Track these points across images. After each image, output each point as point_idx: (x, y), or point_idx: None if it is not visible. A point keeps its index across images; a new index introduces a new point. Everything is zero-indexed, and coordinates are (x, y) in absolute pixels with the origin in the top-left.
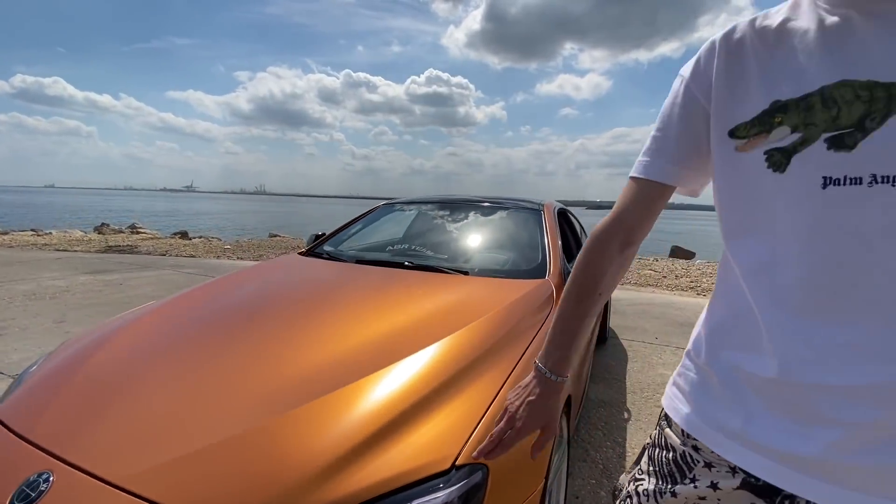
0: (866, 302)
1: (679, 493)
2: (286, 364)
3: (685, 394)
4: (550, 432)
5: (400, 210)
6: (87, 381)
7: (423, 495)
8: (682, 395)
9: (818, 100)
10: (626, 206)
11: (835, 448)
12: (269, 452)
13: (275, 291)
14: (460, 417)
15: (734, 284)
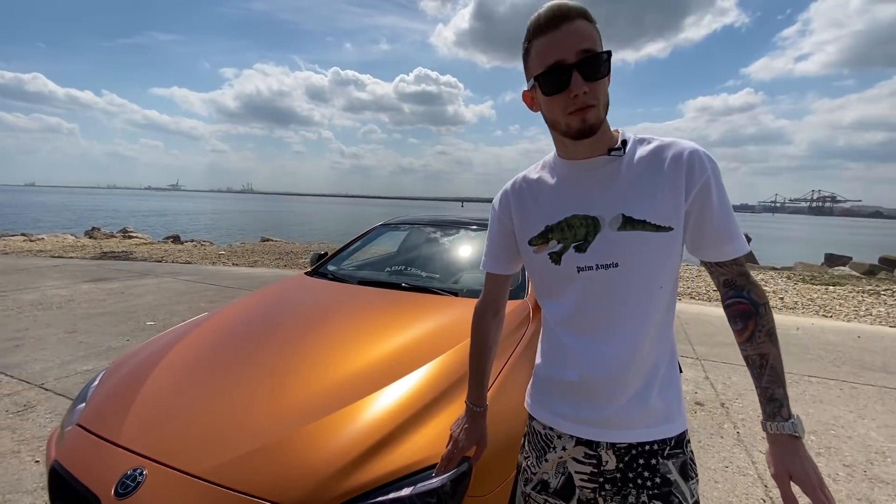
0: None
1: (549, 459)
2: (312, 379)
3: (536, 399)
4: (483, 445)
5: (394, 230)
6: (154, 391)
7: (425, 480)
8: (537, 400)
9: (565, 224)
10: (487, 290)
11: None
12: (308, 451)
13: (294, 313)
14: (450, 424)
15: (549, 328)
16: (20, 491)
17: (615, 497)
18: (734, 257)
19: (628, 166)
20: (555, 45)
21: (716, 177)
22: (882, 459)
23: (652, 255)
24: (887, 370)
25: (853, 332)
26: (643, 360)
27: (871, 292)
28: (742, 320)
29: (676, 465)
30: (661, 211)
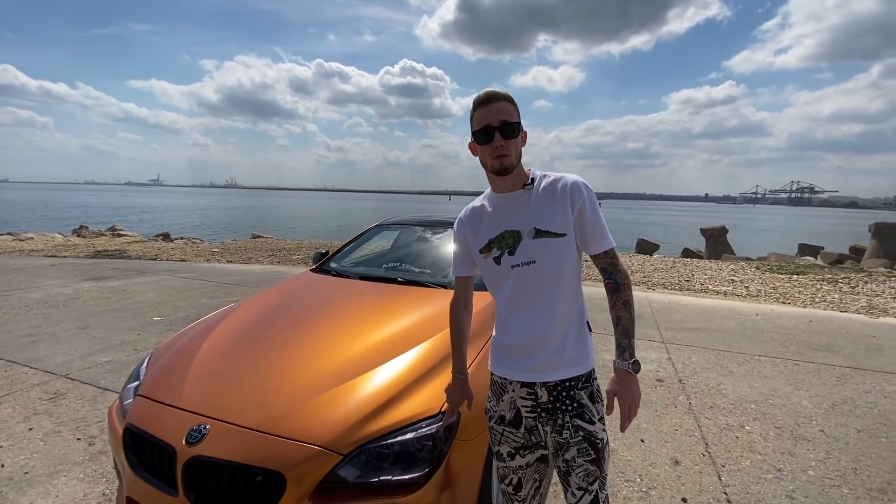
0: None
1: (504, 399)
2: (332, 354)
3: (494, 360)
4: (471, 399)
5: (388, 230)
6: (204, 365)
7: (425, 426)
8: (494, 360)
9: (501, 237)
10: (458, 290)
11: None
12: (334, 408)
13: (309, 303)
14: (438, 388)
15: (497, 310)
16: (69, 462)
17: (549, 421)
18: (604, 251)
19: (536, 194)
20: (486, 115)
21: (589, 198)
22: (808, 422)
23: (555, 253)
24: (830, 350)
25: (806, 317)
26: (559, 324)
27: (830, 280)
28: (610, 294)
29: (587, 393)
30: (558, 223)
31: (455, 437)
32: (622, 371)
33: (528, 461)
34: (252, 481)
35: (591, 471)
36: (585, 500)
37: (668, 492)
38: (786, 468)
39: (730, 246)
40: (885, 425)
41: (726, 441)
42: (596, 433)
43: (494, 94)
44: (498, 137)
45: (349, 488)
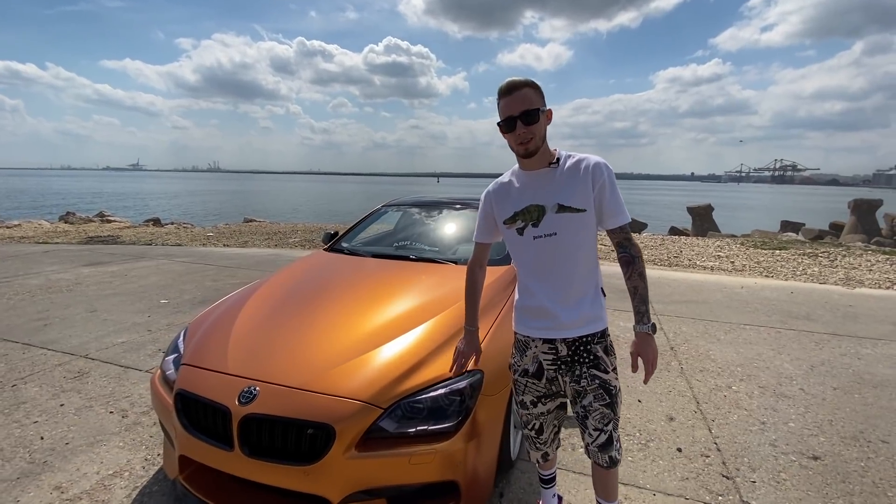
0: (553, 276)
1: (528, 355)
2: (362, 322)
3: (518, 321)
4: (479, 353)
5: (397, 210)
6: (243, 334)
7: (454, 382)
8: (518, 321)
9: (526, 210)
10: (476, 254)
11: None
12: (371, 368)
13: (332, 278)
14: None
15: (520, 277)
16: (107, 433)
17: (568, 372)
18: (619, 225)
19: (561, 173)
20: (508, 105)
21: (609, 177)
22: (789, 382)
23: (576, 226)
24: (809, 318)
25: (788, 289)
26: (577, 289)
27: (811, 255)
28: (626, 266)
29: (602, 347)
30: (579, 200)
31: (480, 393)
32: (642, 334)
33: (549, 408)
34: (302, 434)
35: (606, 413)
36: (601, 438)
37: (664, 443)
38: (769, 421)
39: (715, 224)
40: (858, 383)
41: (715, 399)
42: (610, 381)
43: (515, 84)
44: (520, 125)
45: (389, 438)
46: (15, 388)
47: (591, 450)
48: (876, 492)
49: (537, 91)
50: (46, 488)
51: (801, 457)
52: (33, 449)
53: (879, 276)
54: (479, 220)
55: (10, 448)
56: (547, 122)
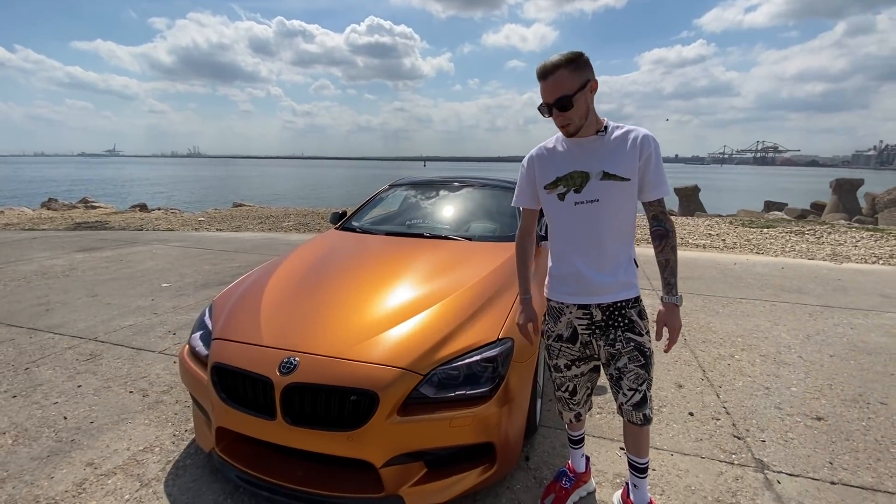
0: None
1: (562, 321)
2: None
3: (552, 287)
4: (536, 320)
5: (405, 189)
6: (271, 307)
7: (487, 349)
8: (552, 287)
9: (568, 176)
10: (524, 221)
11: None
12: (406, 339)
13: (351, 255)
14: (496, 319)
15: (555, 243)
16: (130, 412)
17: (602, 336)
18: (659, 197)
19: (608, 142)
20: (544, 91)
21: (656, 150)
22: (788, 350)
23: (618, 194)
24: (801, 291)
25: (779, 264)
26: (612, 255)
27: (797, 233)
28: (659, 239)
29: (635, 311)
30: (625, 169)
31: (512, 360)
32: (671, 305)
33: (583, 371)
34: (345, 401)
35: (640, 374)
36: (636, 398)
37: (676, 408)
38: (772, 386)
39: (701, 204)
40: (853, 351)
41: (720, 367)
42: (645, 343)
43: (549, 68)
44: (556, 113)
45: (429, 403)
46: (28, 372)
47: (626, 409)
48: (879, 448)
49: (576, 69)
50: (79, 465)
51: (806, 418)
52: (58, 428)
53: (865, 252)
54: (520, 184)
55: (34, 428)
56: (591, 94)
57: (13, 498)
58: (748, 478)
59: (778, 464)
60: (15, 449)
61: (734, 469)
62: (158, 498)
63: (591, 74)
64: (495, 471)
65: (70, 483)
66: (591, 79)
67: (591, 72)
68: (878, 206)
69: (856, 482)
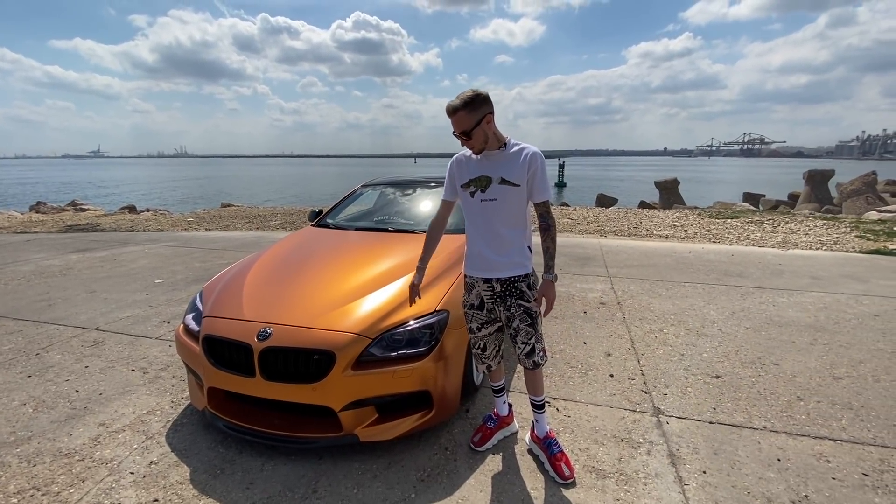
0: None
1: (472, 292)
2: (352, 277)
3: (466, 265)
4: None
5: (374, 188)
6: (252, 290)
7: (426, 318)
8: (466, 265)
9: (478, 179)
10: (441, 210)
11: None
12: (360, 312)
13: (324, 247)
14: (436, 294)
15: (468, 230)
16: (133, 385)
17: (501, 303)
18: (542, 200)
19: (506, 155)
20: (452, 124)
21: (541, 165)
22: (711, 325)
23: (511, 196)
24: (741, 275)
25: (730, 252)
26: (507, 241)
27: (757, 222)
28: (543, 232)
29: (525, 285)
30: (516, 177)
31: (447, 327)
32: (548, 281)
33: (490, 331)
34: (310, 360)
35: (528, 331)
36: (526, 349)
37: (600, 372)
38: (687, 353)
39: (681, 197)
40: (768, 324)
41: (647, 340)
42: (532, 308)
43: (450, 110)
44: (462, 139)
45: (377, 360)
46: (39, 356)
47: (521, 358)
48: (759, 397)
49: (472, 109)
50: (92, 425)
51: (707, 377)
52: (72, 399)
53: (812, 239)
54: (446, 181)
55: (51, 399)
56: (487, 125)
57: (39, 450)
58: (644, 421)
59: (671, 410)
60: (36, 416)
61: (635, 415)
62: (161, 447)
63: (488, 108)
64: (433, 415)
65: (87, 438)
66: (488, 112)
67: (488, 106)
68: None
69: (729, 421)
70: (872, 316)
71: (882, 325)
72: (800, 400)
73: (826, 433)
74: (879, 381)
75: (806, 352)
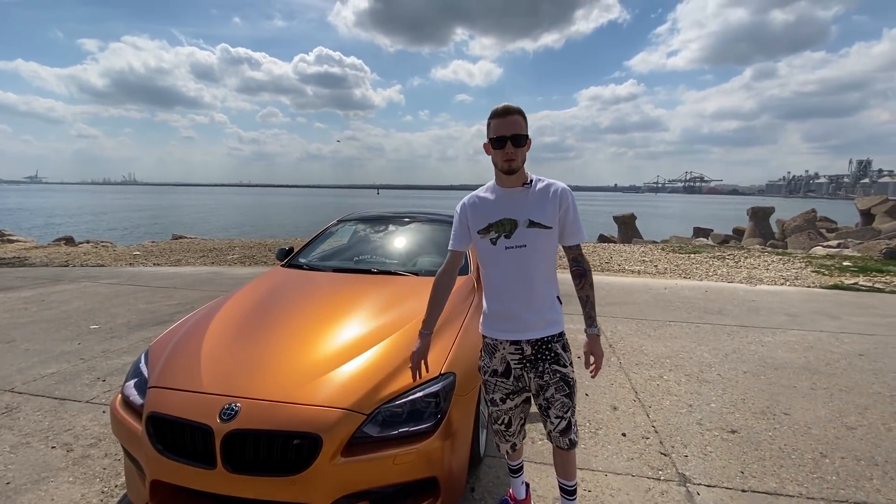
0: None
1: (496, 356)
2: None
3: (486, 325)
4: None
5: (352, 223)
6: (212, 352)
7: (429, 385)
8: (486, 325)
9: (500, 223)
10: (450, 262)
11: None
12: (354, 377)
13: (297, 295)
14: (438, 354)
15: (489, 284)
16: (52, 469)
17: (532, 368)
18: (576, 243)
19: (532, 193)
20: (501, 126)
21: (573, 202)
22: (709, 369)
23: (542, 241)
24: (722, 313)
25: (702, 288)
26: (540, 295)
27: (719, 257)
28: (579, 278)
29: (561, 346)
30: (548, 218)
31: (454, 394)
32: (593, 336)
33: (516, 403)
34: (288, 445)
35: (565, 403)
36: (562, 425)
37: (611, 430)
38: (695, 403)
39: (638, 231)
40: (762, 366)
41: (650, 388)
42: (569, 374)
43: (510, 109)
44: (509, 146)
45: (373, 441)
46: None
47: (553, 435)
48: (782, 455)
49: (525, 120)
50: None
51: (722, 431)
52: None
53: (774, 275)
54: (455, 229)
55: None
56: (527, 149)
57: None
58: (672, 492)
59: (698, 477)
60: None
61: (660, 485)
62: None
63: None
64: None
65: None
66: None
67: None
68: (786, 232)
69: (762, 488)
70: (858, 355)
71: (870, 364)
72: (824, 457)
73: (863, 497)
74: (892, 430)
75: (810, 398)
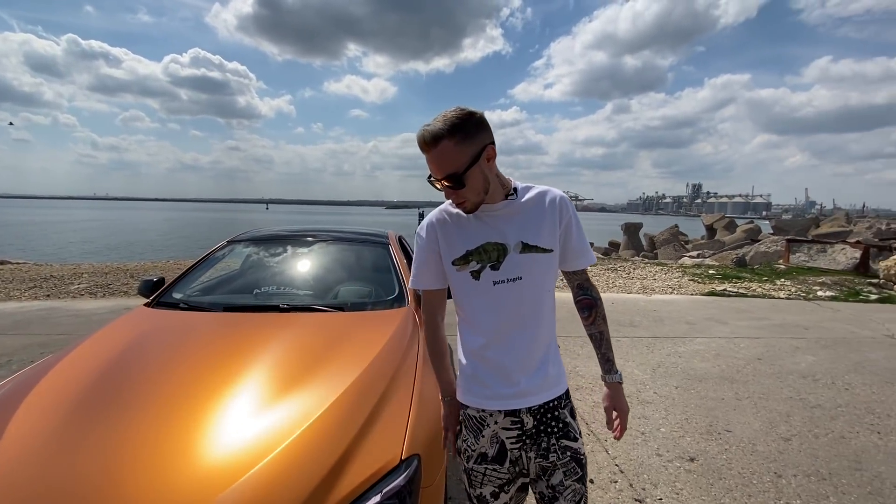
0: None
1: (485, 434)
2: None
3: (467, 390)
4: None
5: (247, 245)
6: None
7: (390, 479)
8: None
9: (482, 249)
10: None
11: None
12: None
13: (166, 351)
14: (394, 429)
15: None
16: None
17: (533, 447)
18: (584, 267)
19: (521, 206)
20: (430, 163)
21: (574, 214)
22: (644, 387)
23: (542, 269)
24: (633, 325)
25: (609, 300)
26: (540, 343)
27: (612, 269)
28: (588, 310)
29: (568, 410)
30: (546, 238)
31: (420, 486)
32: (615, 385)
33: (511, 495)
34: None
35: (577, 489)
36: None
37: None
38: (647, 430)
39: None
40: (688, 379)
41: (599, 417)
42: (580, 450)
43: (438, 134)
44: (449, 192)
45: None
46: None
47: None
48: (745, 482)
49: (464, 138)
50: None
51: (683, 461)
52: None
53: (662, 284)
54: (420, 260)
55: None
56: (489, 164)
57: None
58: None
59: None
60: None
61: None
62: None
63: (487, 137)
64: None
65: None
66: (488, 143)
67: (488, 134)
68: (657, 244)
69: None
70: (757, 360)
71: (770, 368)
72: (780, 477)
73: None
74: (819, 437)
75: (740, 410)
